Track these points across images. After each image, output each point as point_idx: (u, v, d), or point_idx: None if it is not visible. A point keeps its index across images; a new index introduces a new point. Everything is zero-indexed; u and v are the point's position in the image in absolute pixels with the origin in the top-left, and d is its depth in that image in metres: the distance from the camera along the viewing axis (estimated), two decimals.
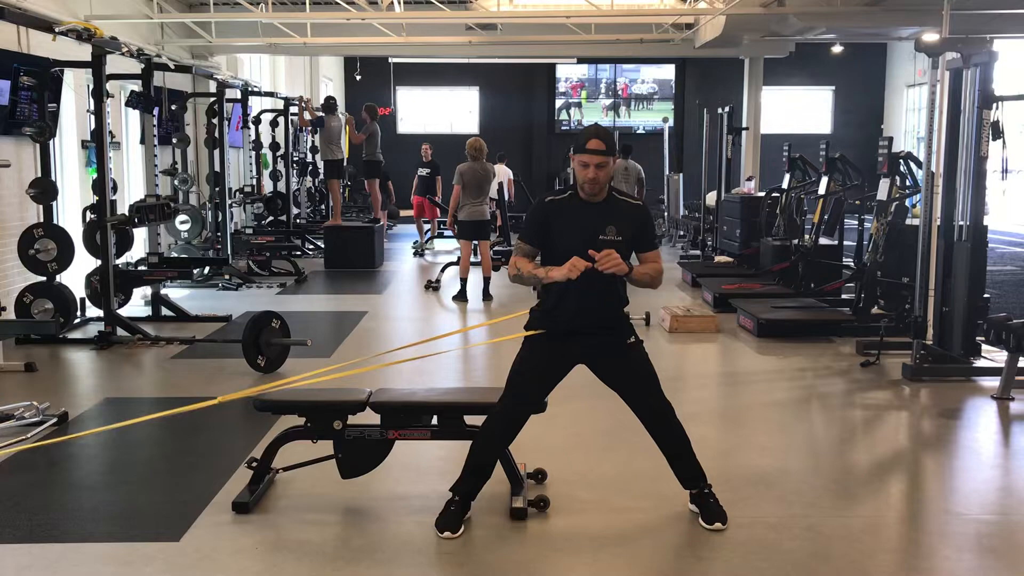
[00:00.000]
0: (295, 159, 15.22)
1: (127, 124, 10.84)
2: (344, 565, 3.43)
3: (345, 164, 14.06)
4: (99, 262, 7.56)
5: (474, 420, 3.98)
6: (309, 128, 13.32)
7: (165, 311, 8.24)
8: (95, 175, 7.57)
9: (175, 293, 9.40)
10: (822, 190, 9.04)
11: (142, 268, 8.60)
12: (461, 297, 9.42)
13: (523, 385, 3.75)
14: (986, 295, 6.41)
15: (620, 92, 22.43)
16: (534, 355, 3.76)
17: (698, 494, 3.82)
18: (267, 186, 14.38)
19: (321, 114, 13.03)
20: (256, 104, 14.21)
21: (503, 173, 16.13)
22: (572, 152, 3.67)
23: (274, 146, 14.48)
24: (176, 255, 10.52)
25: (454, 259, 10.71)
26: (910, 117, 21.22)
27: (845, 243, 9.50)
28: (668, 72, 22.20)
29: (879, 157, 7.43)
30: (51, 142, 7.47)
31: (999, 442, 5.12)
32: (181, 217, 10.60)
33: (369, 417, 3.99)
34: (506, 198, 15.37)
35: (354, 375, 4.70)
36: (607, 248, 3.52)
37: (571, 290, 3.60)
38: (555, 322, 3.72)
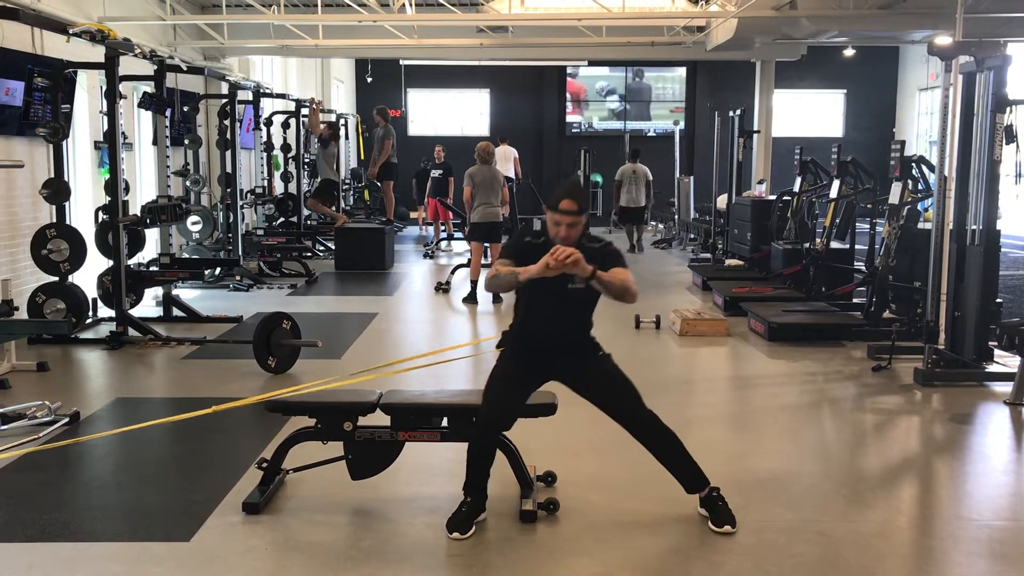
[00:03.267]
0: (306, 161, 15.26)
1: (140, 125, 10.89)
2: (353, 566, 3.43)
3: (341, 183, 14.14)
4: (111, 262, 7.59)
5: None
6: (322, 135, 13.36)
7: (176, 312, 8.26)
8: (108, 176, 7.61)
9: (186, 294, 9.43)
10: (834, 194, 9.01)
11: (154, 269, 8.63)
12: (471, 299, 9.43)
13: (494, 395, 3.84)
14: (999, 300, 6.37)
15: (631, 94, 22.38)
16: (506, 367, 3.92)
17: (706, 497, 3.82)
18: (278, 187, 14.42)
19: (330, 131, 13.13)
20: (268, 106, 14.25)
21: (508, 153, 16.20)
22: (546, 207, 3.84)
23: (285, 148, 14.52)
24: (187, 256, 10.55)
25: (464, 261, 10.71)
26: (922, 121, 21.11)
27: (857, 247, 9.47)
28: (680, 75, 22.16)
29: (891, 161, 7.40)
30: (64, 143, 7.50)
31: (1012, 447, 5.09)
32: (193, 218, 10.64)
33: (379, 419, 4.00)
34: (515, 177, 15.66)
35: (364, 376, 4.71)
36: (575, 292, 3.74)
37: (538, 311, 3.85)
38: (524, 340, 3.92)
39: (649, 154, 17.68)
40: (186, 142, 10.99)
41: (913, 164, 7.42)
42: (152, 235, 9.21)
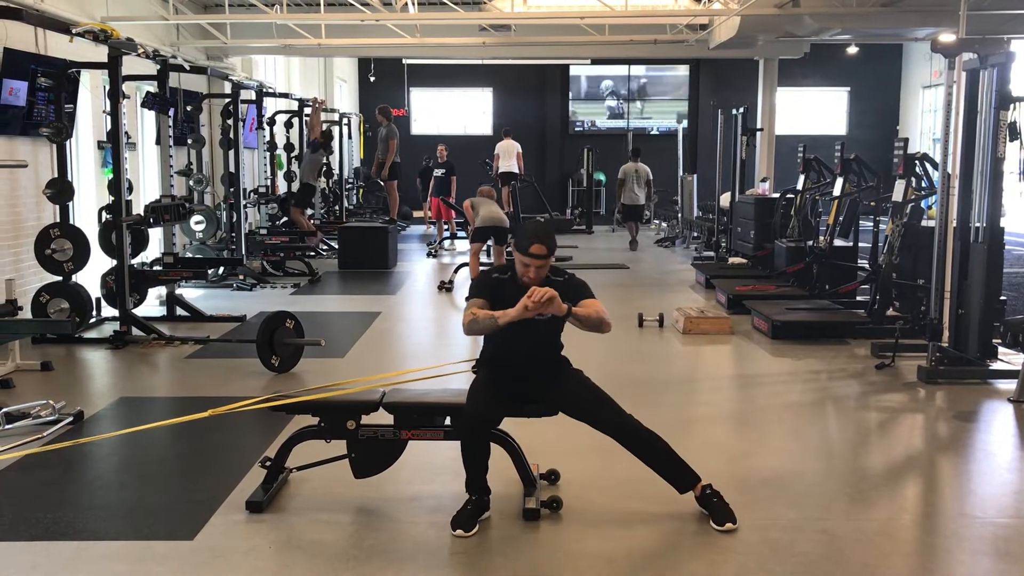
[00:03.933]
0: None
1: (143, 125, 10.90)
2: (356, 565, 3.44)
3: (318, 190, 14.14)
4: (115, 262, 7.60)
5: None
6: (314, 139, 13.34)
7: (180, 311, 8.27)
8: (111, 175, 7.62)
9: (190, 293, 9.44)
10: (837, 191, 8.99)
11: (157, 268, 8.64)
12: None
13: (478, 395, 3.87)
14: (1002, 297, 6.36)
15: (634, 93, 22.37)
16: (487, 380, 3.97)
17: (701, 496, 3.83)
18: (281, 187, 14.43)
19: (323, 139, 13.13)
20: (271, 105, 14.26)
21: (512, 148, 16.23)
22: (514, 248, 3.86)
23: (288, 147, 14.53)
24: (191, 255, 10.56)
25: (468, 260, 10.72)
26: (926, 118, 21.09)
27: (860, 245, 9.45)
28: (682, 73, 22.15)
29: (894, 158, 7.38)
30: (67, 143, 7.51)
31: (1016, 445, 5.08)
32: (196, 217, 10.65)
33: (382, 417, 4.00)
34: (518, 172, 15.78)
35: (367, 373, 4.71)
36: (543, 324, 3.83)
37: (508, 341, 3.89)
38: (497, 366, 3.99)
39: (652, 153, 17.68)
40: (189, 142, 11.00)
41: (916, 161, 7.39)
42: (155, 235, 9.23)
